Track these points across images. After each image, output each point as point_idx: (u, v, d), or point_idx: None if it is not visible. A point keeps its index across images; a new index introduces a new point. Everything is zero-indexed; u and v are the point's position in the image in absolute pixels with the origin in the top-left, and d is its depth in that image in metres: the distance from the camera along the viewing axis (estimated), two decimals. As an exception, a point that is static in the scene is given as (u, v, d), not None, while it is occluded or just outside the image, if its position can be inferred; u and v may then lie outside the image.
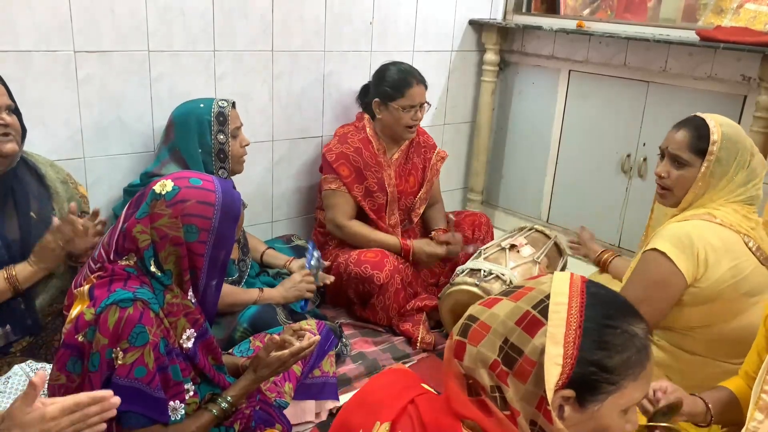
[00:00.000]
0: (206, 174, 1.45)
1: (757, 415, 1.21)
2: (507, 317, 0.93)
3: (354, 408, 1.06)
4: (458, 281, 2.37)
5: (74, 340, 1.31)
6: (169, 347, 1.37)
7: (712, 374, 1.70)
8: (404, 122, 2.60)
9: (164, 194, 1.35)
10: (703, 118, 1.73)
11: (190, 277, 1.40)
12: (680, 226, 1.68)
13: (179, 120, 2.20)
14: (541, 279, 0.98)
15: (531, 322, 0.91)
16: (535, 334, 0.90)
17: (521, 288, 0.97)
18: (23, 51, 2.07)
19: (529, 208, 3.52)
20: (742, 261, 1.66)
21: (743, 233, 1.67)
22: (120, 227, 1.39)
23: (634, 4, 3.63)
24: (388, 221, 2.69)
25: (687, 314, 1.69)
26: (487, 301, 0.98)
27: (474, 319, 0.96)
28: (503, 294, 0.99)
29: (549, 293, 0.93)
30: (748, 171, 1.71)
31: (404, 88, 2.56)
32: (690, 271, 1.63)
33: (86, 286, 1.36)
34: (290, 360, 1.55)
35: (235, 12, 2.48)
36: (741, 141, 1.71)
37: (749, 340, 1.66)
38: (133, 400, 1.29)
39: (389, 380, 1.08)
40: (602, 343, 0.90)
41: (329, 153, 2.61)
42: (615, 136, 3.04)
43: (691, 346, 1.73)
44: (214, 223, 1.38)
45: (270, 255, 2.49)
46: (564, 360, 0.88)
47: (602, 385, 0.90)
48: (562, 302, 0.91)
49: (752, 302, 1.67)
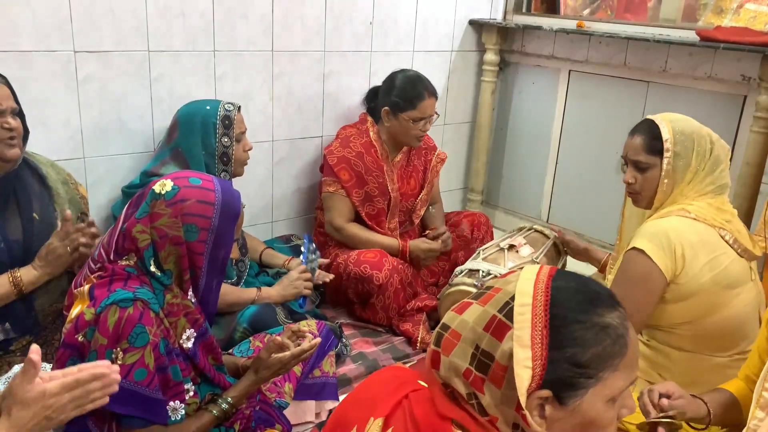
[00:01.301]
0: (205, 173, 1.46)
1: (758, 413, 1.21)
2: (475, 323, 0.92)
3: (350, 404, 1.07)
4: (457, 281, 2.37)
5: (74, 340, 1.31)
6: (169, 347, 1.37)
7: (702, 368, 1.72)
8: (413, 133, 2.60)
9: (164, 194, 1.35)
10: (653, 119, 1.78)
11: (190, 276, 1.40)
12: (657, 223, 1.71)
13: (184, 120, 2.20)
14: (508, 278, 0.96)
15: (498, 326, 0.90)
16: (503, 338, 0.89)
17: (491, 289, 0.96)
18: (23, 51, 2.07)
19: (529, 208, 3.52)
20: (719, 254, 1.68)
21: (718, 226, 1.70)
22: (120, 227, 1.39)
23: (634, 4, 3.63)
24: (388, 225, 2.70)
25: (671, 311, 1.72)
26: (459, 307, 0.97)
27: (446, 327, 0.96)
28: (474, 297, 0.97)
29: (513, 293, 0.92)
30: (711, 159, 1.72)
31: (416, 100, 2.55)
32: (669, 268, 1.66)
33: (86, 286, 1.36)
34: (291, 362, 1.55)
35: (235, 12, 2.48)
36: (695, 131, 1.74)
37: (734, 332, 1.70)
38: (132, 403, 1.29)
39: (386, 377, 1.08)
40: (572, 339, 0.88)
41: (330, 156, 2.61)
42: (615, 136, 3.03)
43: (678, 343, 1.75)
44: (214, 223, 1.38)
45: (268, 254, 2.49)
46: (533, 362, 0.87)
47: (579, 381, 0.89)
48: (526, 303, 0.90)
49: (734, 294, 1.70)
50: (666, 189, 1.75)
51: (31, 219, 1.75)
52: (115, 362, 1.28)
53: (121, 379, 1.27)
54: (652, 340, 1.80)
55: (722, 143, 1.76)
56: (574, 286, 0.93)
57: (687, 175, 1.73)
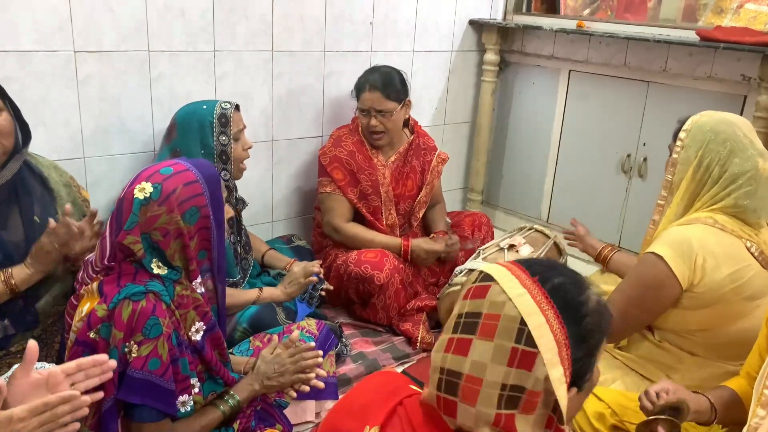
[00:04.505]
0: (168, 161, 1.45)
1: (759, 411, 1.21)
2: (494, 362, 0.87)
3: (341, 413, 1.03)
4: (456, 282, 2.37)
5: (86, 337, 1.32)
6: (179, 339, 1.38)
7: (712, 375, 1.69)
8: (364, 126, 2.61)
9: (150, 196, 1.34)
10: (701, 113, 1.74)
11: (202, 256, 1.43)
12: (682, 230, 1.66)
13: (181, 120, 2.19)
14: (492, 300, 0.90)
15: (522, 357, 0.86)
16: (532, 367, 0.86)
17: (478, 319, 0.89)
18: (23, 51, 2.07)
19: (529, 208, 3.52)
20: (743, 266, 1.63)
21: (745, 238, 1.65)
22: (110, 241, 1.38)
23: (634, 4, 3.63)
24: (385, 222, 2.69)
25: (688, 317, 1.68)
26: (457, 347, 0.90)
27: (456, 374, 0.89)
28: (463, 331, 0.90)
29: (520, 316, 0.87)
30: (726, 174, 1.64)
31: (359, 92, 2.59)
32: (686, 276, 1.62)
33: (95, 283, 1.37)
34: (287, 359, 1.56)
35: (235, 12, 2.48)
36: (713, 131, 1.66)
37: (751, 343, 1.64)
38: (147, 393, 1.31)
39: (376, 383, 1.06)
40: (584, 336, 0.90)
41: (323, 156, 2.62)
42: (615, 136, 3.04)
43: (691, 348, 1.73)
44: (207, 195, 1.40)
45: (271, 256, 2.49)
46: (566, 375, 0.87)
47: (591, 362, 0.93)
48: (540, 323, 0.87)
49: (754, 305, 1.65)
50: (671, 178, 1.73)
51: (32, 221, 1.75)
52: (129, 355, 1.29)
53: (137, 370, 1.29)
54: (663, 341, 1.77)
55: (750, 164, 1.63)
56: (559, 282, 0.92)
57: (689, 171, 1.69)
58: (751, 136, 1.68)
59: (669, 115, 2.64)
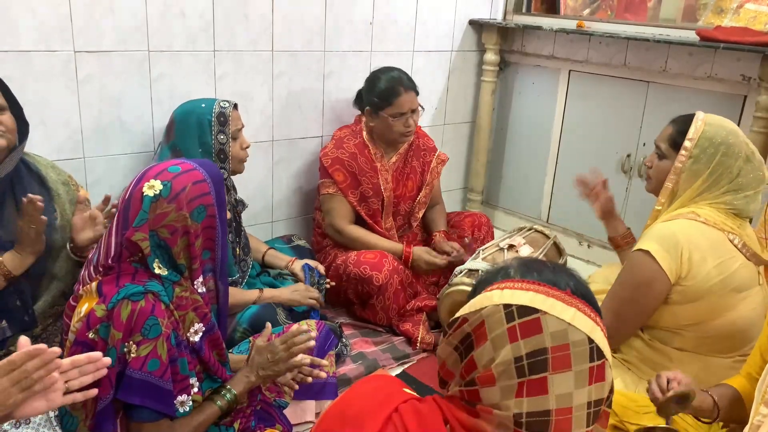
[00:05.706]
0: (173, 160, 1.46)
1: (762, 409, 1.21)
2: (578, 387, 0.88)
3: (335, 420, 1.00)
4: (456, 282, 2.37)
5: (85, 338, 1.32)
6: (178, 339, 1.38)
7: (703, 369, 1.72)
8: (397, 130, 2.59)
9: (160, 193, 1.35)
10: (696, 115, 1.74)
11: (206, 256, 1.43)
12: (666, 225, 1.71)
13: (180, 119, 2.19)
14: (552, 332, 0.87)
15: (598, 372, 0.89)
16: (604, 376, 0.90)
17: (545, 355, 0.87)
18: (23, 51, 2.07)
19: (529, 208, 3.52)
20: (728, 258, 1.67)
21: (728, 231, 1.69)
22: (115, 238, 1.38)
23: (634, 4, 3.63)
24: (384, 224, 2.69)
25: (678, 313, 1.71)
26: (529, 390, 0.88)
27: (544, 413, 0.88)
28: (531, 372, 0.87)
29: (586, 337, 0.88)
30: (732, 184, 1.70)
31: (392, 97, 2.55)
32: (673, 270, 1.65)
33: (94, 283, 1.37)
34: (280, 347, 1.54)
35: (235, 12, 2.48)
36: (725, 144, 1.68)
37: (739, 335, 1.69)
38: (146, 394, 1.31)
39: (369, 389, 1.03)
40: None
41: (325, 158, 2.61)
42: (615, 136, 3.04)
43: (681, 344, 1.75)
44: (213, 193, 1.41)
45: (271, 255, 2.49)
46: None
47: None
48: (601, 334, 0.90)
49: (740, 297, 1.69)
50: (671, 186, 1.74)
51: None
52: (128, 355, 1.29)
53: (136, 370, 1.29)
54: (654, 340, 1.79)
55: (757, 175, 1.71)
56: (575, 282, 0.94)
57: (696, 182, 1.71)
58: (749, 142, 1.75)
59: (669, 115, 2.59)
